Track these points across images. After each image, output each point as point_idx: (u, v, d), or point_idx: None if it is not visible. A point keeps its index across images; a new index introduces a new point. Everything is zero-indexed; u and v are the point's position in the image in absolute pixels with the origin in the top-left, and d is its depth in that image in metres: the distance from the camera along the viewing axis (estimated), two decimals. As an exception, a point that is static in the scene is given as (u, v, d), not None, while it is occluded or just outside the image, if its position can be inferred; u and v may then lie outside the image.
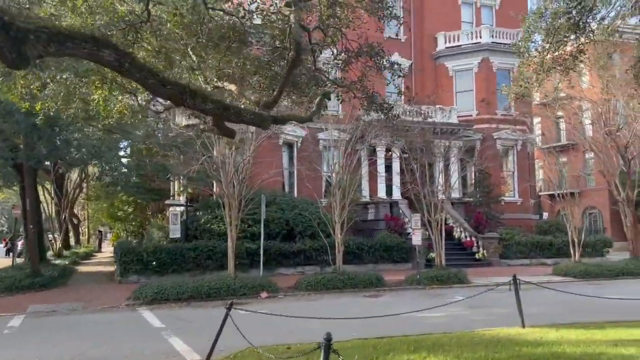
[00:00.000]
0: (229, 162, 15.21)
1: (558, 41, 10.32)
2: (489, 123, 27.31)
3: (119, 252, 18.28)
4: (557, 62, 10.42)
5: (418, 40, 29.02)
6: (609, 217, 42.25)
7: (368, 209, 26.07)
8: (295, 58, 5.82)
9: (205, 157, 15.09)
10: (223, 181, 15.40)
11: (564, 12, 9.25)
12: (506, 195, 27.55)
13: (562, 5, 9.47)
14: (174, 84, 4.84)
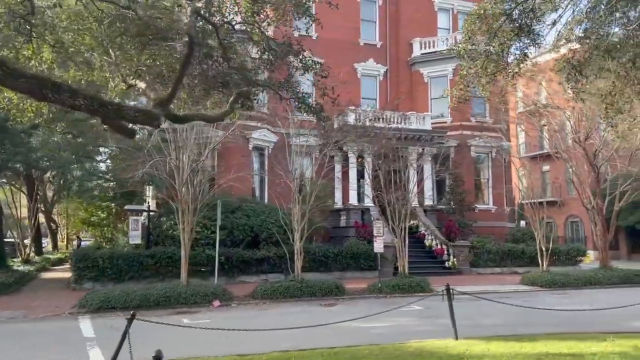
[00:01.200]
0: (182, 166, 14.81)
1: (501, 44, 10.07)
2: (463, 130, 27.08)
3: (74, 258, 17.79)
4: (501, 65, 10.15)
5: (393, 46, 28.82)
6: (590, 226, 42.12)
7: (340, 216, 25.72)
8: (188, 54, 5.49)
9: (154, 160, 14.67)
10: (177, 185, 14.99)
11: (503, 13, 8.99)
12: (480, 202, 27.28)
13: (502, 6, 9.22)
14: (32, 77, 4.47)
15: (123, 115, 5.14)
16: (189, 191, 15.03)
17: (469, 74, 9.75)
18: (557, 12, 10.45)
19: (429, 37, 28.46)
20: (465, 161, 27.01)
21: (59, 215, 49.34)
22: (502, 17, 8.98)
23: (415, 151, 25.72)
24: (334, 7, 9.17)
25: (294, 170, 17.14)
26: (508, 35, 9.73)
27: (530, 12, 9.78)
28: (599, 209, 20.22)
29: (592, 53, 8.94)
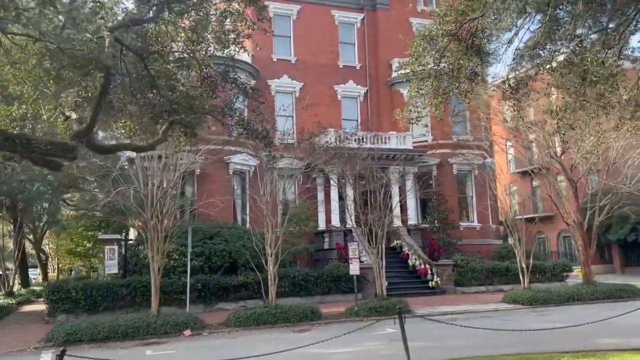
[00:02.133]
0: (150, 193, 14.71)
1: (451, 64, 10.10)
2: (444, 148, 27.10)
3: (47, 291, 17.55)
4: (453, 85, 10.16)
5: (373, 67, 29.02)
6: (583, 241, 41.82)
7: (324, 238, 25.56)
8: (104, 84, 5.45)
9: (122, 188, 14.58)
10: (146, 213, 14.86)
11: (447, 34, 9.02)
12: (465, 220, 27.13)
13: (447, 27, 9.25)
14: None
15: (33, 148, 5.07)
16: (158, 219, 14.90)
17: (418, 95, 9.73)
18: (511, 31, 10.53)
19: (407, 57, 28.65)
20: (448, 179, 26.97)
21: (49, 246, 48.98)
22: (446, 38, 9.00)
23: (397, 171, 25.69)
24: (269, 32, 9.11)
25: (266, 193, 16.99)
26: (456, 55, 9.77)
27: (479, 32, 9.84)
28: (579, 224, 20.06)
29: (538, 71, 8.94)
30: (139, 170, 14.98)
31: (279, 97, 26.89)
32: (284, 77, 27.05)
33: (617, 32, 10.03)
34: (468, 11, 9.13)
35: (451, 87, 10.02)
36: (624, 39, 10.01)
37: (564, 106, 9.68)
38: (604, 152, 20.79)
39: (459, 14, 9.26)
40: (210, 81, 8.89)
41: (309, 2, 28.11)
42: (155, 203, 14.70)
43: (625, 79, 11.59)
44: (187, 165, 16.64)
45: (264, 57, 26.82)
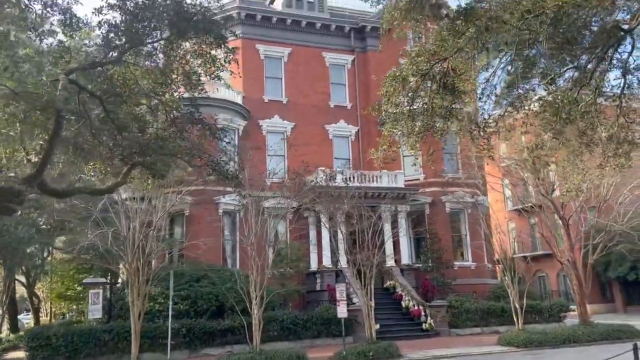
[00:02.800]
0: (130, 236, 14.49)
1: (425, 103, 10.08)
2: (436, 186, 26.98)
3: (27, 337, 17.08)
4: (429, 125, 10.12)
5: (364, 107, 29.04)
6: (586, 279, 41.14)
7: (316, 279, 25.09)
8: (56, 128, 5.37)
9: (101, 230, 14.36)
10: (127, 256, 14.60)
11: (416, 74, 9.03)
12: (459, 259, 26.71)
13: (417, 67, 9.28)
14: None
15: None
16: (139, 262, 14.62)
17: (391, 134, 9.68)
18: (488, 70, 10.58)
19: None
20: (440, 218, 26.73)
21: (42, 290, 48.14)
22: (415, 78, 9.01)
23: (389, 210, 25.46)
24: (236, 75, 9.13)
25: (250, 234, 16.76)
26: (430, 95, 9.77)
27: (450, 71, 9.87)
28: (572, 263, 19.70)
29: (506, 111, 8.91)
30: (120, 212, 14.82)
31: (270, 137, 27.00)
32: (275, 117, 27.25)
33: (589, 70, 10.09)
34: (440, 51, 9.18)
35: (426, 126, 9.95)
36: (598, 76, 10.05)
37: (539, 144, 9.59)
38: (596, 189, 20.68)
39: (430, 54, 9.31)
40: (177, 122, 8.82)
41: (299, 44, 28.62)
42: (137, 246, 14.46)
43: (605, 117, 11.60)
44: (170, 206, 16.47)
45: (255, 98, 27.12)
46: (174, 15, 7.32)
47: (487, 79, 10.65)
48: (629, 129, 11.68)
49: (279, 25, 28.21)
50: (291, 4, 29.24)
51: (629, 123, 11.51)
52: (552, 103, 9.31)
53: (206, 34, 8.21)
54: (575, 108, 9.29)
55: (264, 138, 26.77)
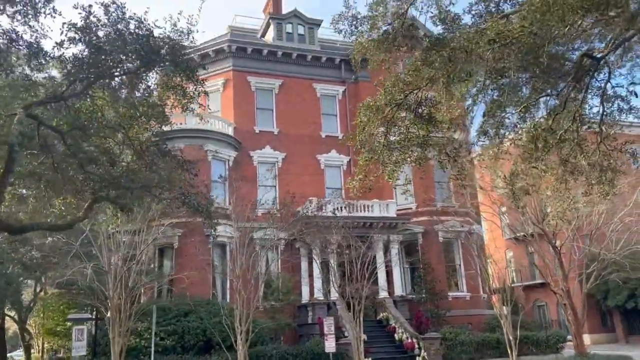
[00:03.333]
0: (113, 270, 14.23)
1: (401, 133, 10.04)
2: (428, 215, 26.76)
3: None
4: (407, 154, 10.05)
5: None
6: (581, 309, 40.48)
7: (308, 312, 24.62)
8: (8, 162, 5.27)
9: (81, 266, 14.12)
10: (109, 291, 14.31)
11: (389, 103, 9.00)
12: (454, 290, 26.30)
13: (392, 97, 9.26)
14: None
15: None
16: (121, 297, 14.33)
17: (367, 164, 9.59)
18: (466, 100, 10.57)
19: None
20: (434, 247, 26.44)
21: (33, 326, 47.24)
22: (389, 108, 8.98)
23: (381, 240, 25.23)
24: (204, 107, 9.09)
25: (236, 267, 16.51)
26: (406, 124, 9.73)
27: (427, 100, 9.86)
28: (566, 292, 19.36)
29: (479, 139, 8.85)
30: (103, 246, 14.61)
31: (262, 168, 26.96)
32: (266, 148, 27.27)
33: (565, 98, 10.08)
34: (414, 81, 9.18)
35: (404, 155, 9.88)
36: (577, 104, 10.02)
37: (515, 172, 9.50)
38: (587, 217, 20.51)
39: (404, 84, 9.30)
40: (145, 156, 8.73)
41: (290, 76, 28.90)
42: (118, 280, 14.19)
43: (587, 144, 11.55)
44: (153, 239, 16.26)
45: (247, 129, 27.20)
46: (141, 48, 7.32)
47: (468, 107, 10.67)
48: (610, 157, 11.62)
49: (270, 58, 28.53)
50: (282, 37, 29.64)
51: (610, 150, 11.46)
52: (528, 131, 9.25)
53: (176, 67, 8.21)
54: (551, 136, 9.24)
55: (254, 169, 26.73)
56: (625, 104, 11.33)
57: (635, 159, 11.41)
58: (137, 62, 7.65)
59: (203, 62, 28.34)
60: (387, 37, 8.86)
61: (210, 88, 28.25)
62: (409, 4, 8.48)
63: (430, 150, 9.83)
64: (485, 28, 7.07)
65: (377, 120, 9.12)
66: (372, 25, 8.70)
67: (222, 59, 27.97)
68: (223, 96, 27.83)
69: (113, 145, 8.34)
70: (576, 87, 8.79)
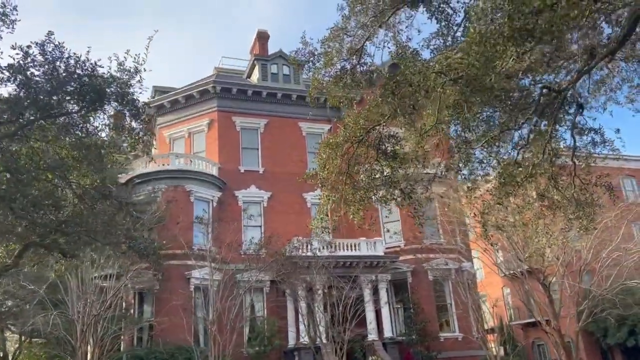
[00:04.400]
0: (82, 318, 13.65)
1: (366, 170, 9.76)
2: (417, 253, 26.19)
3: None
4: (371, 192, 9.73)
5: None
6: (582, 346, 39.34)
7: (294, 357, 23.72)
8: None
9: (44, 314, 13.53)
10: (75, 340, 13.69)
11: (347, 140, 8.75)
12: (446, 330, 25.46)
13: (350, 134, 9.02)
14: None
15: None
16: (90, 346, 13.69)
17: (329, 203, 9.26)
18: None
19: (376, 164, 28.87)
20: (423, 286, 25.77)
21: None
22: (348, 144, 8.72)
23: (369, 279, 24.62)
24: (156, 147, 8.83)
25: (211, 311, 15.91)
26: (369, 161, 9.47)
27: (390, 137, 9.63)
28: (557, 332, 18.68)
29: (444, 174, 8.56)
30: (72, 293, 14.08)
31: (247, 207, 26.61)
32: (251, 187, 26.99)
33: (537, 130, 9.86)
34: (373, 117, 8.97)
35: (368, 194, 9.56)
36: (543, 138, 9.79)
37: (484, 209, 9.17)
38: (577, 253, 20.04)
39: (366, 120, 9.09)
40: (87, 200, 8.39)
41: (276, 115, 28.94)
42: (85, 328, 13.60)
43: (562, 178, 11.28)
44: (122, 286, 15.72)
45: (231, 169, 27.00)
46: (81, 88, 7.12)
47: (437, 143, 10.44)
48: (586, 191, 11.34)
49: (255, 98, 28.64)
50: (267, 77, 29.85)
51: (585, 185, 11.19)
52: (494, 167, 8.98)
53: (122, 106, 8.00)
54: (519, 171, 8.96)
55: (239, 209, 26.36)
56: (599, 136, 11.14)
57: (611, 192, 11.12)
58: (80, 102, 7.42)
59: (187, 103, 28.51)
60: (344, 74, 8.69)
61: (195, 129, 28.33)
62: (364, 40, 8.35)
63: (397, 188, 9.51)
64: (434, 62, 6.90)
65: (337, 157, 8.84)
66: (328, 62, 8.55)
67: (206, 99, 28.06)
68: (208, 136, 27.76)
69: (54, 189, 8.01)
70: (540, 120, 8.57)
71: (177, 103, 28.52)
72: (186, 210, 23.91)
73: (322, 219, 9.51)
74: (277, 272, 23.05)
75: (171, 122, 28.74)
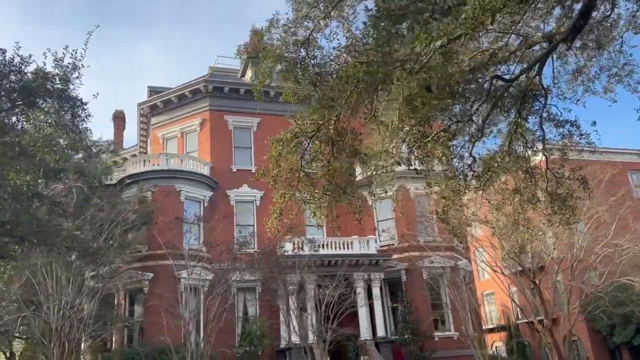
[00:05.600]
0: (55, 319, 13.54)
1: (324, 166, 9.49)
2: (412, 251, 25.80)
3: None
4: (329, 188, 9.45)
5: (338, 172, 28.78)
6: (589, 345, 38.55)
7: (286, 357, 23.51)
8: None
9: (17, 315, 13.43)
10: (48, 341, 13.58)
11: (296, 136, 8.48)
12: (441, 329, 25.05)
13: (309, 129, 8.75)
14: None
15: None
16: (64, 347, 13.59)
17: (284, 201, 9.00)
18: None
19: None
20: (418, 285, 25.36)
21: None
22: (301, 139, 8.45)
23: (361, 278, 24.31)
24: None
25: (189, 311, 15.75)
26: (326, 157, 9.19)
27: (350, 132, 9.35)
28: (549, 330, 18.20)
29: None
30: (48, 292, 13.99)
31: (239, 207, 26.46)
32: (243, 186, 26.77)
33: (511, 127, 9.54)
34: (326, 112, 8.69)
35: (327, 190, 9.29)
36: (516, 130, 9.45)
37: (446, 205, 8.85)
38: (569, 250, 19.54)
39: (319, 115, 8.82)
40: (22, 200, 8.20)
41: (269, 113, 28.66)
42: (59, 329, 13.50)
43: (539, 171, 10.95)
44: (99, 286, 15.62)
45: (223, 168, 26.84)
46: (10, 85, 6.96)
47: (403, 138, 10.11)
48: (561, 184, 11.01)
49: (247, 97, 28.41)
50: (260, 76, 29.61)
51: (558, 178, 10.83)
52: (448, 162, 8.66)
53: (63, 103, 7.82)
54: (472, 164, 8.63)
55: (232, 208, 26.20)
56: (574, 129, 10.77)
57: (585, 185, 10.75)
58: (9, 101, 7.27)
59: (180, 103, 28.43)
60: (294, 67, 8.41)
61: (187, 128, 28.23)
62: (309, 32, 8.07)
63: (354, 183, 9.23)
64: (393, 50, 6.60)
65: (289, 154, 8.58)
66: (275, 55, 8.28)
67: (198, 99, 27.95)
68: (200, 136, 27.64)
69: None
70: (495, 111, 8.22)
71: (170, 103, 28.45)
72: (176, 211, 23.80)
73: (276, 218, 9.25)
74: (267, 271, 22.87)
75: (164, 122, 28.69)
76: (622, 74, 9.78)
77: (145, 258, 22.99)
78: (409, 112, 8.36)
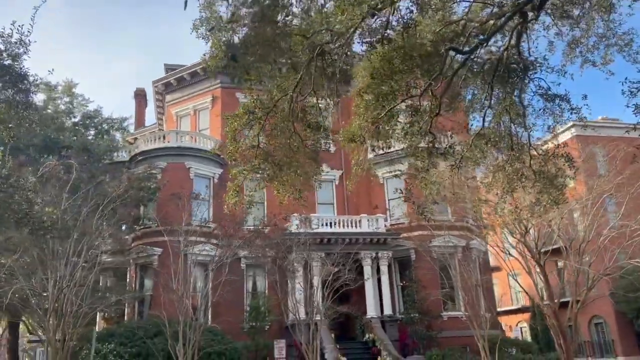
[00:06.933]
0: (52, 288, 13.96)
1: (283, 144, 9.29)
2: (422, 230, 25.31)
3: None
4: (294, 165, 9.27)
5: (347, 152, 28.45)
6: (616, 328, 37.47)
7: (293, 333, 23.74)
8: None
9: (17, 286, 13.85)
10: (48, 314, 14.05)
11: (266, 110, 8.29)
12: (451, 309, 24.72)
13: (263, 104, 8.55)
14: None
15: None
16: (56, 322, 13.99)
17: (242, 177, 8.89)
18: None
19: (383, 139, 28.04)
20: (427, 264, 24.92)
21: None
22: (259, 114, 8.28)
23: (369, 256, 24.16)
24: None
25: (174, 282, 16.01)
26: (286, 133, 8.99)
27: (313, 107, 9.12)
28: (553, 313, 17.66)
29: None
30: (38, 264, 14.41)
31: (249, 184, 26.49)
32: (254, 163, 26.76)
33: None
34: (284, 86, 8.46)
35: (290, 167, 9.12)
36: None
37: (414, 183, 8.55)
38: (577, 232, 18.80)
39: (279, 90, 8.60)
40: None
41: (280, 90, 28.51)
42: (55, 299, 13.94)
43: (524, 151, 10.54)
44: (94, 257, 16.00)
45: (234, 145, 26.87)
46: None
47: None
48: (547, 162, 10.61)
49: (259, 73, 28.25)
50: (272, 52, 29.36)
51: (540, 155, 10.41)
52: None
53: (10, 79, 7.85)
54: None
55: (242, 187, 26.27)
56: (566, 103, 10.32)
57: (571, 163, 10.26)
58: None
59: (193, 80, 28.53)
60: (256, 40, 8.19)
61: (200, 106, 28.37)
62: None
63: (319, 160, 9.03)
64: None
65: (246, 129, 8.43)
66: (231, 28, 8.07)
67: (210, 77, 27.92)
68: (212, 113, 27.74)
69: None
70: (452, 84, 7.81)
71: (183, 80, 28.59)
72: (186, 187, 24.07)
73: (234, 194, 9.16)
74: (276, 249, 22.98)
75: (178, 100, 28.90)
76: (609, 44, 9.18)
77: (155, 233, 23.44)
78: (373, 87, 8.07)
